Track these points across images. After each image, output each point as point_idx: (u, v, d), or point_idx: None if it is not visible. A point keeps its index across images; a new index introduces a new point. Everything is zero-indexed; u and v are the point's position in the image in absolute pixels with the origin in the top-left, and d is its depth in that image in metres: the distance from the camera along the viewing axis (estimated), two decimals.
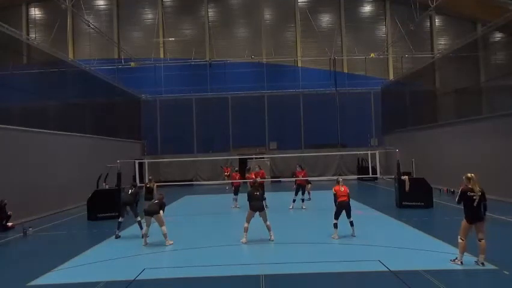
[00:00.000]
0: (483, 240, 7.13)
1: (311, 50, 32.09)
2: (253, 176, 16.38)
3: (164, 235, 9.67)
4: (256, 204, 9.65)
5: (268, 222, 9.75)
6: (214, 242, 9.86)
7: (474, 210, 7.14)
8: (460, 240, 7.26)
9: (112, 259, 8.64)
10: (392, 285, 6.54)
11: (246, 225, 9.66)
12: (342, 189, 9.87)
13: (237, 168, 17.99)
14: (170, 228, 10.41)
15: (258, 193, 9.82)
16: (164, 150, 30.11)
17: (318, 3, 32.85)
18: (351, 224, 9.89)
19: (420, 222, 11.60)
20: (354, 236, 9.76)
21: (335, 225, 9.72)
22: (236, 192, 16.31)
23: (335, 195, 9.95)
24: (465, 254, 7.83)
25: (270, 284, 6.71)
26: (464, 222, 7.27)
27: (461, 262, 7.26)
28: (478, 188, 7.19)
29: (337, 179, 10.29)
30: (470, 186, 7.25)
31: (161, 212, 9.75)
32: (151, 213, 9.61)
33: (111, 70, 29.87)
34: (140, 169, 19.04)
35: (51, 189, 15.85)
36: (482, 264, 7.16)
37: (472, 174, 7.35)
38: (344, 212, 9.80)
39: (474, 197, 7.12)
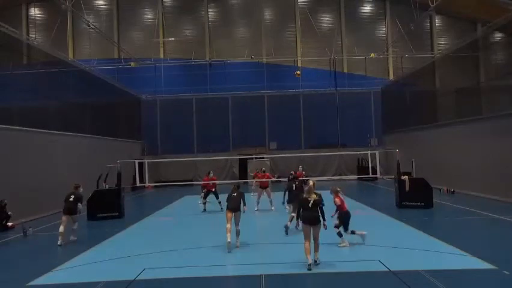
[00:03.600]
0: (317, 241, 7.60)
1: (311, 50, 32.07)
2: (259, 176, 16.50)
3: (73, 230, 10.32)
4: (231, 204, 9.32)
5: (238, 227, 9.33)
6: (214, 242, 9.84)
7: (309, 214, 7.57)
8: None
9: (112, 259, 8.64)
10: (392, 285, 6.54)
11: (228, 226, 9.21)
12: (343, 197, 9.36)
13: (211, 172, 16.24)
14: (170, 228, 10.42)
15: (235, 194, 9.52)
16: (164, 150, 30.08)
17: (318, 3, 32.85)
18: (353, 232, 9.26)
19: (420, 222, 11.59)
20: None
21: (340, 234, 9.12)
22: (205, 196, 15.55)
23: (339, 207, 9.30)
24: (467, 254, 7.87)
25: (270, 284, 6.71)
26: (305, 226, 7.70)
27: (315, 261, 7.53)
28: (314, 195, 7.74)
29: (336, 189, 9.47)
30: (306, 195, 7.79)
31: (79, 205, 10.38)
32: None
33: (111, 70, 29.84)
34: (140, 169, 19.05)
35: (51, 189, 15.79)
36: (316, 261, 7.50)
37: (311, 184, 7.98)
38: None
39: (309, 202, 7.63)
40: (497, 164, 15.74)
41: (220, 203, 14.90)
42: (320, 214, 7.63)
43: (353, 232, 9.18)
